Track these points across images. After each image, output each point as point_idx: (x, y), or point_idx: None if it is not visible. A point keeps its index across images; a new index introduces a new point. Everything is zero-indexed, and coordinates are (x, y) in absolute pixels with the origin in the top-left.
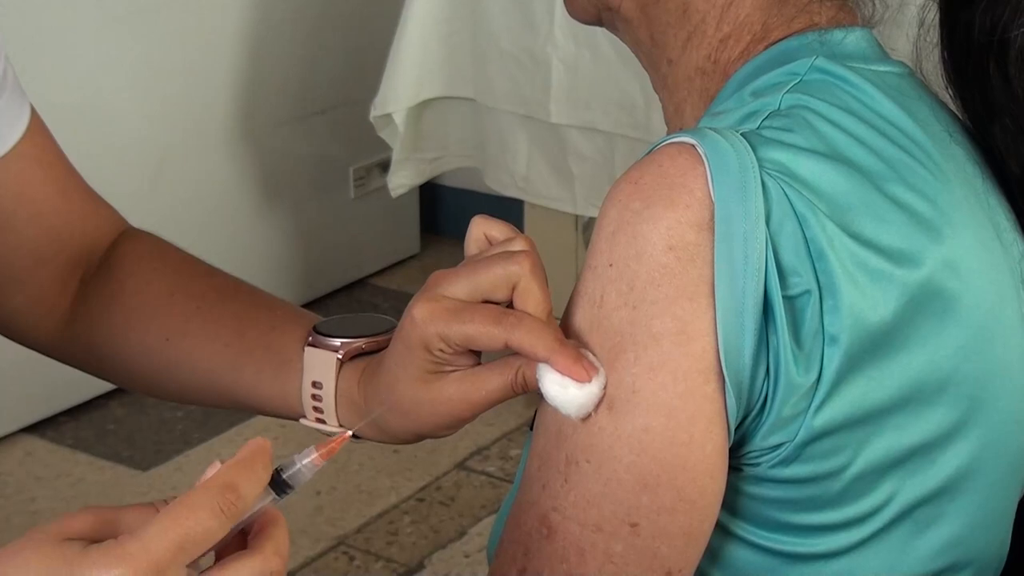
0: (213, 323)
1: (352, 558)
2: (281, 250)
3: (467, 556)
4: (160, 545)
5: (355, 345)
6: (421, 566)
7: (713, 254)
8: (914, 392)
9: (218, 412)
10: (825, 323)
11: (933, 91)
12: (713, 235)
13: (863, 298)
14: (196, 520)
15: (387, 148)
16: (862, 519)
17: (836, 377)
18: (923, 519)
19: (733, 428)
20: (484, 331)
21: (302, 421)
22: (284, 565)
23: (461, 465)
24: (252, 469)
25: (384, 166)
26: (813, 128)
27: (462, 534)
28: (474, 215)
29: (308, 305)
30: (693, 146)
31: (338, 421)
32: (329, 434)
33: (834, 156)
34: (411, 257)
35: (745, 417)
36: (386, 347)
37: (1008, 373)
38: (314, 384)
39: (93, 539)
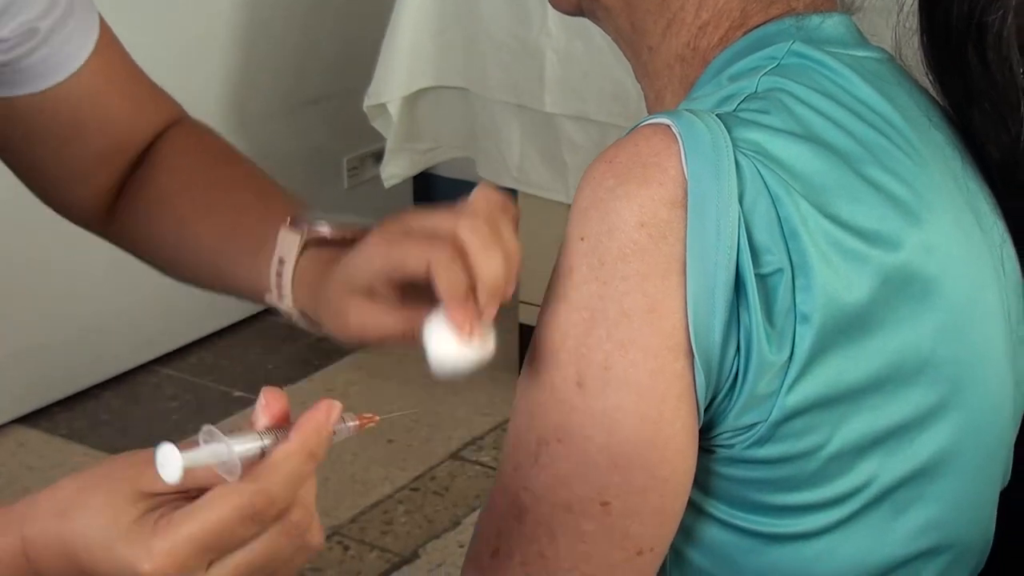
0: (217, 211)
1: (347, 548)
2: None
3: (461, 546)
4: (185, 550)
5: (320, 230)
6: (415, 555)
7: (685, 231)
8: (892, 373)
9: (212, 402)
10: (797, 301)
11: (913, 77)
12: (686, 213)
13: (837, 278)
14: (225, 528)
15: (381, 138)
16: (839, 500)
17: (809, 356)
18: (902, 501)
19: (703, 407)
20: (415, 252)
21: (265, 298)
22: (308, 513)
23: (455, 455)
24: (290, 467)
25: (378, 156)
26: (789, 110)
27: (456, 524)
28: None
29: None
30: (668, 126)
31: (292, 300)
32: (284, 312)
33: (810, 137)
34: None
35: (715, 396)
36: (351, 244)
37: (988, 357)
38: (280, 261)
39: (169, 494)
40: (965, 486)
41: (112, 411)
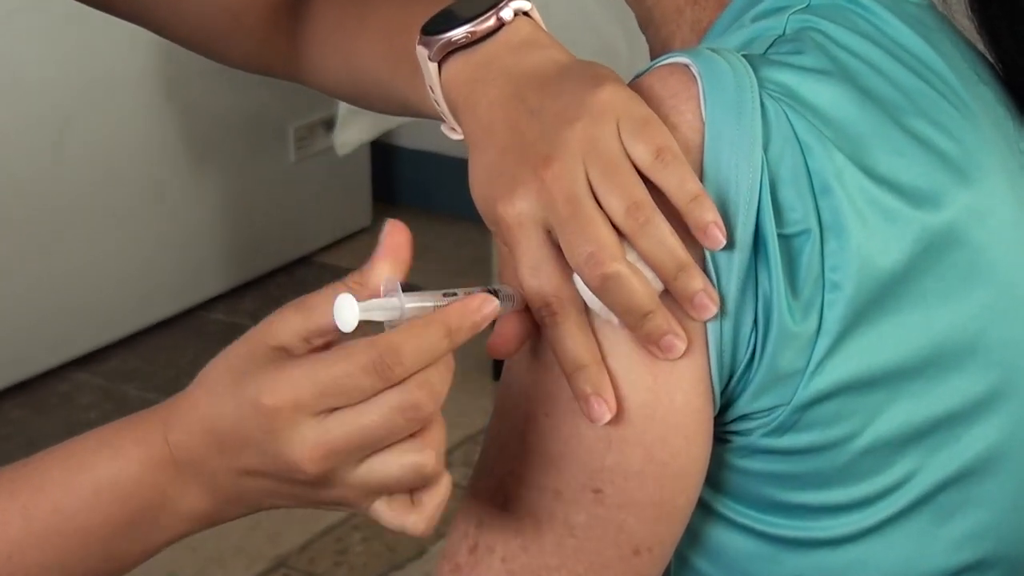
0: (371, 33)
1: None
2: (210, 223)
3: None
4: (305, 387)
5: (442, 41)
6: None
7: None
8: (935, 355)
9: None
10: (826, 267)
11: (957, 28)
12: (703, 159)
13: (873, 240)
14: (347, 374)
15: (333, 103)
16: (873, 501)
17: (841, 328)
18: (946, 505)
19: (718, 388)
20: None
21: (442, 128)
22: (432, 398)
23: None
24: (424, 337)
25: (330, 124)
26: (823, 50)
27: (421, 553)
28: (436, 181)
29: (244, 287)
30: (687, 66)
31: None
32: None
33: (847, 81)
34: (362, 230)
35: (732, 375)
36: (484, 38)
37: None
38: (431, 89)
39: (293, 347)
40: (1018, 488)
41: (14, 423)
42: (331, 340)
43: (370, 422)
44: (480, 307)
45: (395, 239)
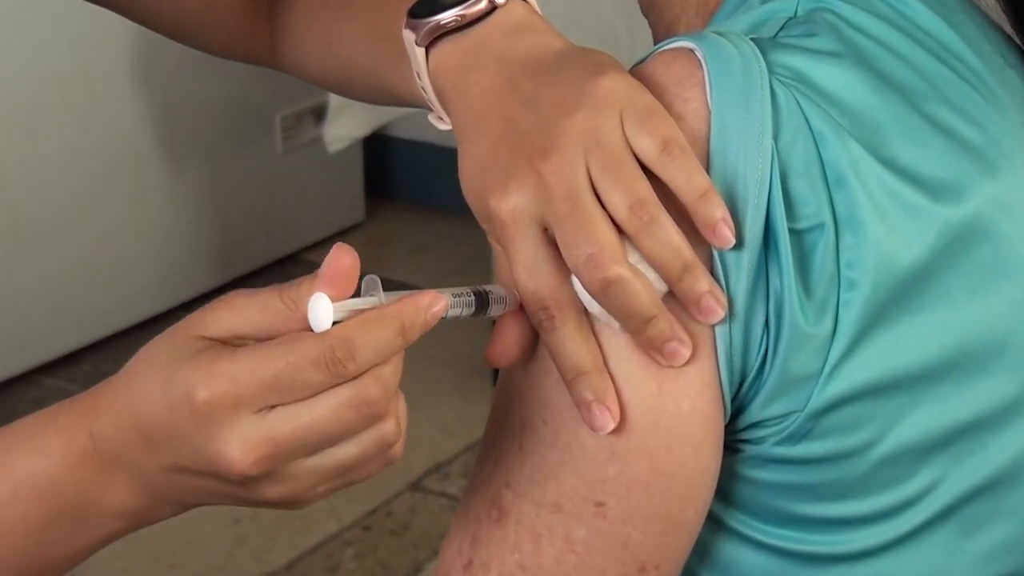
0: (354, 17)
1: None
2: (191, 219)
3: None
4: (247, 380)
5: (430, 25)
6: None
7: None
8: (960, 356)
9: None
10: (841, 263)
11: (981, 8)
12: (709, 151)
13: (892, 235)
14: (293, 368)
15: (321, 91)
16: (894, 512)
17: (858, 329)
18: (973, 516)
19: (728, 394)
20: None
21: (429, 117)
22: (385, 394)
23: (416, 485)
24: (378, 332)
25: (319, 112)
26: (838, 32)
27: (417, 570)
28: (433, 174)
29: (228, 286)
30: (691, 50)
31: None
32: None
33: (863, 66)
34: (354, 226)
35: (743, 380)
36: (475, 21)
37: None
38: (418, 75)
39: (226, 341)
40: None
41: None
42: (274, 335)
43: (320, 417)
44: (430, 304)
45: (339, 264)
